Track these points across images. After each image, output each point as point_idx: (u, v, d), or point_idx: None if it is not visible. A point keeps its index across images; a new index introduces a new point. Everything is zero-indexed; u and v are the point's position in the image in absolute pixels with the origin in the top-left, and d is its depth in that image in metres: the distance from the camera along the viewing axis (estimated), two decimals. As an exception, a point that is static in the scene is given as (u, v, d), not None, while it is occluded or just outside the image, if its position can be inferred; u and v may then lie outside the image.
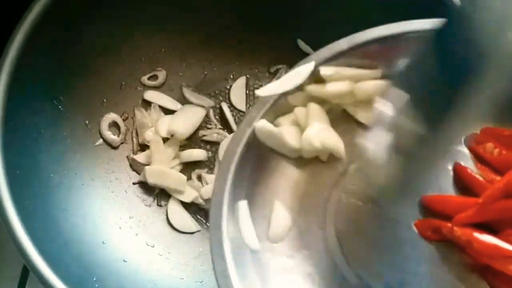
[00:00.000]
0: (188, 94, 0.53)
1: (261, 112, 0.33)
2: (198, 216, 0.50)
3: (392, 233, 0.33)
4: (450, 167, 0.33)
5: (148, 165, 0.50)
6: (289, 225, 0.34)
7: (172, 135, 0.51)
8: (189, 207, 0.50)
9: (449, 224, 0.31)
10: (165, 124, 0.51)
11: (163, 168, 0.49)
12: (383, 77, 0.34)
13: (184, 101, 0.53)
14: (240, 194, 0.33)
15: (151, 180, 0.49)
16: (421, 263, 0.31)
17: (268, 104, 0.33)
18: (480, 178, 0.32)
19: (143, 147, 0.52)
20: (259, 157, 0.34)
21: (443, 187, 0.33)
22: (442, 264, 0.31)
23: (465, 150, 0.34)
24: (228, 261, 0.31)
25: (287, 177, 0.35)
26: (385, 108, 0.30)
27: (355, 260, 0.33)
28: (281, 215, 0.34)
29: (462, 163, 0.33)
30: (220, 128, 0.52)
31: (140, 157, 0.51)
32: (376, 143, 0.30)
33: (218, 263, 0.31)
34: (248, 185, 0.34)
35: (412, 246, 0.32)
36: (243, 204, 0.33)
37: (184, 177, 0.50)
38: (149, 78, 0.53)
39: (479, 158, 0.33)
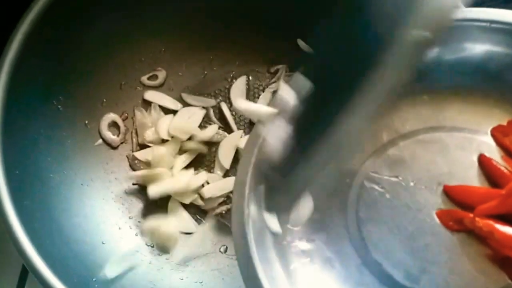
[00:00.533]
0: (186, 96, 0.53)
1: None
2: (198, 217, 0.50)
3: (413, 221, 0.33)
4: (475, 158, 0.34)
5: (148, 163, 0.50)
6: (311, 209, 0.34)
7: (172, 137, 0.51)
8: (189, 207, 0.50)
9: (470, 215, 0.32)
10: (165, 125, 0.51)
11: (158, 222, 0.47)
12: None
13: (184, 101, 0.53)
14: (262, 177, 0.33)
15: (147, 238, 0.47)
16: (441, 252, 0.32)
17: None
18: (505, 170, 0.33)
19: (143, 147, 0.52)
20: None
21: (467, 177, 0.33)
22: (462, 254, 0.32)
23: (491, 142, 0.34)
24: (250, 242, 0.31)
25: None
26: (288, 96, 0.31)
27: (375, 247, 0.33)
28: (303, 200, 0.34)
29: (487, 155, 0.33)
30: (220, 128, 0.52)
31: (140, 154, 0.51)
32: (275, 136, 0.30)
33: (239, 243, 0.31)
34: None
35: (432, 235, 0.33)
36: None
37: (177, 234, 0.47)
38: (149, 78, 0.53)
39: (505, 150, 0.34)
